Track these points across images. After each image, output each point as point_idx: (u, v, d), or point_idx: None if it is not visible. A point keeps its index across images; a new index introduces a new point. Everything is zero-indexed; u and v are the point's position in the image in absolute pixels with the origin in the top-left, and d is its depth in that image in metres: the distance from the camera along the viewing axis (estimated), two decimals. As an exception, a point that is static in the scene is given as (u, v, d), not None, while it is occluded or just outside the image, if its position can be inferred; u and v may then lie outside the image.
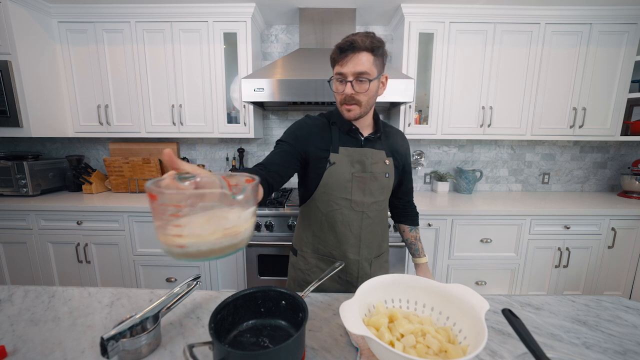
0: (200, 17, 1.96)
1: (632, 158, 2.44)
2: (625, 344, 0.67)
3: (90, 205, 1.90)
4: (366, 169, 0.93)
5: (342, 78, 0.84)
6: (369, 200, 0.95)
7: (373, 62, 0.83)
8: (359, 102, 0.86)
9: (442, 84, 2.04)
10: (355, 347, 0.65)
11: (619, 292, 2.01)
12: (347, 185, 0.93)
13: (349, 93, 0.84)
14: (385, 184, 0.97)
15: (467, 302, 0.61)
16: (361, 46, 0.80)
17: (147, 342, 0.62)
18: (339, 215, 0.95)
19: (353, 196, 0.94)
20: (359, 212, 0.95)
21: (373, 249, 1.00)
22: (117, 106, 2.10)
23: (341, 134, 0.94)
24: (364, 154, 0.93)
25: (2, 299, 0.83)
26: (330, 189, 0.93)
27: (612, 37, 1.99)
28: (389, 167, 0.97)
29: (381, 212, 1.00)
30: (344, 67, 0.82)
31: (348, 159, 0.93)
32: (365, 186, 0.94)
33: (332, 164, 0.92)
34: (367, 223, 0.97)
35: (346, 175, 0.92)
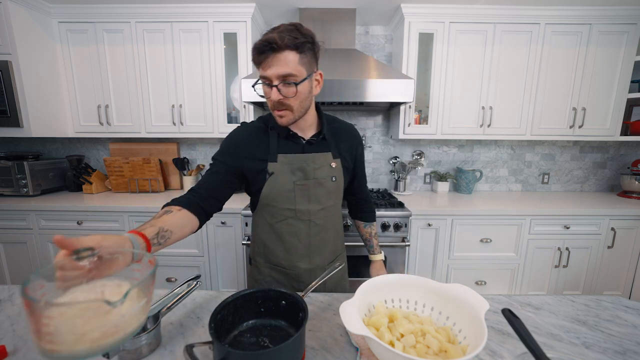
0: (200, 17, 1.96)
1: (631, 158, 2.44)
2: (624, 344, 0.67)
3: (90, 205, 1.90)
4: (308, 175, 0.86)
5: (267, 82, 0.75)
6: (315, 207, 0.89)
7: (299, 61, 0.74)
8: (290, 106, 0.78)
9: (442, 84, 2.04)
10: (355, 347, 0.65)
11: (618, 292, 2.01)
12: (289, 195, 0.86)
13: (276, 99, 0.75)
14: (332, 188, 0.90)
15: (467, 302, 0.61)
16: (281, 45, 0.70)
17: (147, 342, 0.62)
18: (285, 226, 0.89)
19: (297, 206, 0.87)
20: (305, 221, 0.89)
21: (326, 256, 0.95)
22: (117, 106, 2.10)
23: (280, 139, 0.87)
24: (304, 160, 0.86)
25: (3, 299, 0.83)
26: (272, 201, 0.87)
27: (612, 37, 1.99)
28: (336, 170, 0.90)
29: (331, 218, 0.94)
30: (266, 70, 0.73)
31: (288, 167, 0.85)
32: (310, 194, 0.87)
33: (270, 174, 0.85)
34: (315, 231, 0.91)
35: (287, 185, 0.85)
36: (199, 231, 1.89)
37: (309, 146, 0.88)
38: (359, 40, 2.31)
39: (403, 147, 2.46)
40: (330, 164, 0.89)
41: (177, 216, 0.73)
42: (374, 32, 2.31)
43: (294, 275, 0.93)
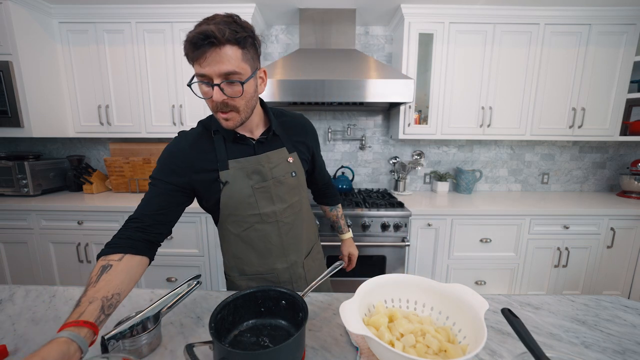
0: (200, 17, 1.94)
1: (631, 158, 2.45)
2: (624, 344, 0.67)
3: (91, 205, 1.90)
4: (266, 176, 0.81)
5: (207, 80, 0.66)
6: (280, 207, 0.85)
7: (242, 57, 0.66)
8: (236, 107, 0.70)
9: (442, 84, 2.04)
10: (355, 346, 0.65)
11: (617, 292, 2.01)
12: (250, 201, 0.81)
13: (220, 100, 0.67)
14: (294, 184, 0.87)
15: (467, 301, 0.61)
16: (222, 39, 0.62)
17: (147, 342, 0.62)
18: (252, 232, 0.85)
19: (261, 210, 0.82)
20: (273, 223, 0.85)
21: (301, 251, 0.93)
22: (118, 106, 2.10)
23: (227, 143, 0.79)
24: (258, 161, 0.80)
25: (4, 299, 0.83)
26: (234, 210, 0.81)
27: (611, 37, 1.99)
28: (295, 165, 0.86)
29: (299, 214, 0.90)
30: (205, 67, 0.64)
31: (242, 172, 0.79)
32: (272, 194, 0.83)
33: (224, 183, 0.78)
34: (285, 230, 0.88)
35: (246, 191, 0.79)
36: (199, 231, 1.89)
37: (260, 146, 0.82)
38: (359, 41, 2.32)
39: (403, 147, 2.46)
40: (287, 159, 0.85)
41: (118, 270, 0.62)
42: (374, 32, 2.31)
43: (273, 277, 0.91)
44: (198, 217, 1.88)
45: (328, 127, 2.41)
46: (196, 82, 0.68)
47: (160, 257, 1.93)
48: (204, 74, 0.65)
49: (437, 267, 1.95)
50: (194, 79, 0.68)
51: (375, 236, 1.81)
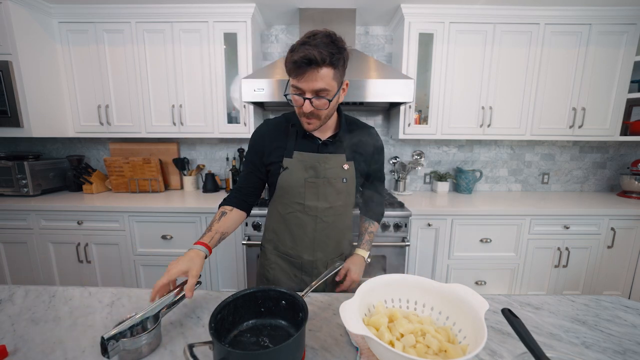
0: (200, 17, 1.96)
1: (631, 158, 2.44)
2: (624, 344, 0.67)
3: (90, 205, 1.90)
4: (319, 174, 0.91)
5: (299, 93, 0.78)
6: (323, 205, 0.93)
7: (333, 76, 0.76)
8: (319, 116, 0.83)
9: (442, 84, 2.04)
10: (355, 347, 0.65)
11: (618, 292, 2.01)
12: (300, 190, 0.92)
13: (308, 111, 0.79)
14: (342, 189, 0.93)
15: (467, 301, 0.61)
16: (319, 61, 0.72)
17: (147, 342, 0.62)
18: (293, 218, 0.95)
19: (306, 201, 0.92)
20: (312, 217, 0.94)
21: (329, 252, 0.99)
22: (118, 106, 2.10)
23: (298, 137, 0.93)
24: (317, 159, 0.91)
25: (3, 299, 0.83)
26: (285, 193, 0.93)
27: (612, 37, 1.99)
28: (348, 172, 0.93)
29: (339, 217, 0.97)
30: (301, 83, 0.76)
31: (301, 164, 0.91)
32: (319, 191, 0.92)
33: (284, 169, 0.91)
34: (321, 227, 0.95)
35: (299, 181, 0.91)
36: (199, 232, 1.90)
37: (324, 147, 0.92)
38: (359, 41, 2.32)
39: (403, 147, 2.46)
40: (342, 165, 0.93)
41: (231, 216, 0.93)
42: (374, 32, 2.31)
43: (298, 264, 0.99)
44: (198, 217, 1.88)
45: (328, 127, 2.40)
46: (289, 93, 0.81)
47: (160, 257, 1.93)
48: (300, 87, 0.77)
49: (437, 267, 1.94)
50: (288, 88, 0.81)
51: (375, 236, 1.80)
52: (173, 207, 1.88)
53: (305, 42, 0.73)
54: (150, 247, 1.93)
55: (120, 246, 1.93)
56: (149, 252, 1.93)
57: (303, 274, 1.00)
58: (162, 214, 1.88)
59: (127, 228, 1.90)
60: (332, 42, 0.74)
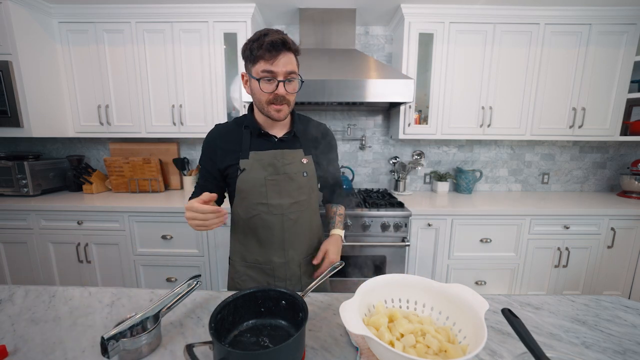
0: (200, 17, 1.96)
1: (631, 158, 2.44)
2: (624, 344, 0.67)
3: (90, 205, 1.90)
4: (279, 170, 0.91)
5: (272, 77, 0.80)
6: (287, 202, 0.92)
7: (296, 62, 0.84)
8: (288, 101, 0.85)
9: (442, 84, 2.04)
10: (355, 347, 0.65)
11: (618, 292, 2.01)
12: (261, 190, 0.91)
13: (283, 93, 0.82)
14: (304, 183, 0.94)
15: (467, 301, 0.61)
16: (291, 47, 0.81)
17: (147, 342, 0.62)
18: (258, 220, 0.93)
19: (269, 200, 0.91)
20: (278, 215, 0.93)
21: (301, 250, 0.98)
22: (118, 106, 2.10)
23: (253, 137, 0.92)
24: (275, 156, 0.91)
25: (3, 299, 0.83)
26: (246, 195, 0.92)
27: (612, 37, 1.99)
28: (308, 166, 0.94)
29: (304, 212, 0.97)
30: (275, 66, 0.79)
31: (259, 164, 0.90)
32: (281, 188, 0.91)
33: (242, 170, 0.90)
34: (289, 225, 0.94)
35: (259, 180, 0.90)
36: (199, 232, 1.89)
37: (281, 143, 0.93)
38: (359, 41, 2.32)
39: (403, 147, 2.46)
40: (301, 160, 0.94)
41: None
42: (374, 32, 2.31)
43: (269, 270, 0.97)
44: (198, 217, 1.88)
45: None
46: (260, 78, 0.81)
47: (160, 257, 1.93)
48: (273, 70, 0.79)
49: (437, 267, 1.94)
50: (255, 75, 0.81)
51: (375, 236, 1.81)
52: (173, 207, 1.88)
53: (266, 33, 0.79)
54: (150, 247, 1.93)
55: (120, 246, 1.93)
56: (149, 252, 1.93)
57: (276, 280, 0.96)
58: (162, 214, 1.88)
59: (127, 228, 1.90)
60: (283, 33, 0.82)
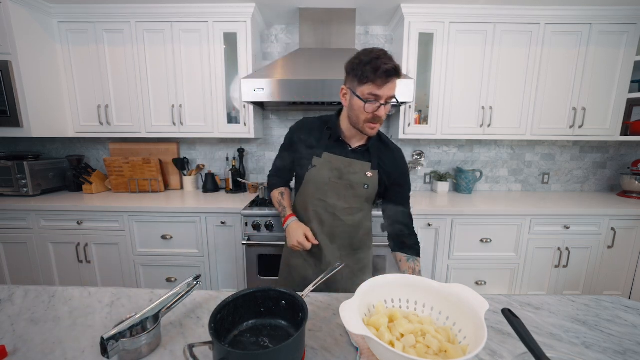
0: (200, 17, 1.96)
1: (631, 158, 2.44)
2: (624, 344, 0.67)
3: (90, 205, 1.90)
4: (343, 177, 0.99)
5: (377, 101, 0.86)
6: (342, 205, 1.02)
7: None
8: (382, 121, 0.92)
9: (442, 84, 2.04)
10: (355, 347, 0.65)
11: (618, 292, 2.01)
12: (324, 189, 1.01)
13: (382, 115, 0.88)
14: (362, 193, 1.01)
15: (467, 302, 0.61)
16: (399, 73, 0.86)
17: (147, 342, 0.62)
18: (314, 213, 1.04)
19: (328, 199, 1.02)
20: (331, 214, 1.03)
21: (345, 248, 1.08)
22: (118, 106, 2.10)
23: (331, 140, 1.01)
24: (343, 163, 0.99)
25: (3, 299, 0.83)
26: (310, 189, 1.03)
27: (612, 37, 1.99)
28: (371, 180, 1.00)
29: (355, 217, 1.05)
30: (382, 90, 0.85)
31: (328, 165, 1.00)
32: (340, 192, 1.01)
33: (313, 166, 1.00)
34: (338, 224, 1.04)
35: (324, 179, 1.00)
36: (199, 231, 1.90)
37: (353, 153, 1.01)
38: (359, 40, 2.31)
39: (403, 147, 2.46)
40: (366, 172, 1.00)
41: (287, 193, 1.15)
42: (374, 32, 2.31)
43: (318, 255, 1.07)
44: (198, 217, 1.88)
45: (328, 127, 2.40)
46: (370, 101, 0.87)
47: (160, 257, 1.93)
48: (379, 94, 0.85)
49: (437, 267, 1.94)
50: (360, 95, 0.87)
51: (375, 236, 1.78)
52: (173, 207, 1.88)
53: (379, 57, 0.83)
54: (150, 247, 1.93)
55: (120, 246, 1.93)
56: (149, 252, 1.93)
57: (321, 265, 1.07)
58: (162, 214, 1.88)
59: (127, 228, 1.90)
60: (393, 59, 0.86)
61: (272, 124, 2.43)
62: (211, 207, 1.87)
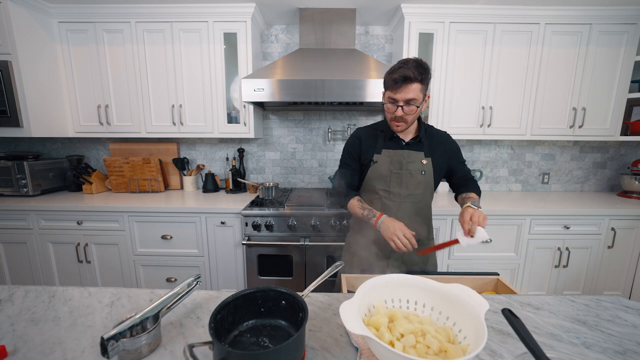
0: (200, 17, 1.96)
1: (631, 158, 2.44)
2: (624, 344, 0.67)
3: (90, 205, 1.90)
4: (402, 167, 1.13)
5: (395, 103, 1.02)
6: (404, 192, 1.15)
7: (420, 89, 1.00)
8: (406, 120, 1.05)
9: (442, 84, 2.04)
10: (355, 347, 0.65)
11: (618, 292, 2.01)
12: (386, 180, 1.15)
13: (400, 115, 1.03)
14: (422, 180, 1.15)
15: (467, 302, 0.61)
16: (412, 78, 0.97)
17: (147, 342, 0.62)
18: (378, 202, 1.17)
19: (391, 188, 1.16)
20: (396, 202, 1.16)
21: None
22: (117, 106, 2.10)
23: (386, 139, 1.16)
24: (401, 154, 1.13)
25: (3, 299, 0.83)
26: (374, 182, 1.17)
27: (612, 37, 1.99)
28: (427, 166, 1.14)
29: (417, 204, 1.17)
30: (396, 94, 1.00)
31: (388, 159, 1.14)
32: (402, 181, 1.14)
33: (375, 162, 1.15)
34: (402, 211, 1.16)
35: (385, 172, 1.14)
36: (199, 232, 1.90)
37: (407, 146, 1.15)
38: (359, 40, 2.31)
39: (403, 147, 2.46)
40: (421, 160, 1.14)
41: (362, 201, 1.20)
42: (374, 32, 2.31)
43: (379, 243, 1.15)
44: (198, 217, 1.88)
45: (328, 127, 2.41)
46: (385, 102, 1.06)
47: (160, 257, 1.93)
48: (394, 98, 1.02)
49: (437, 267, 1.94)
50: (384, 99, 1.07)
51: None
52: (173, 207, 1.88)
53: (401, 66, 0.98)
54: (150, 247, 1.93)
55: (120, 246, 1.93)
56: (149, 252, 1.93)
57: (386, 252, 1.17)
58: (162, 214, 1.88)
59: (127, 228, 1.90)
60: (421, 65, 0.98)
61: (272, 124, 2.43)
62: (211, 207, 1.87)
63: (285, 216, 1.80)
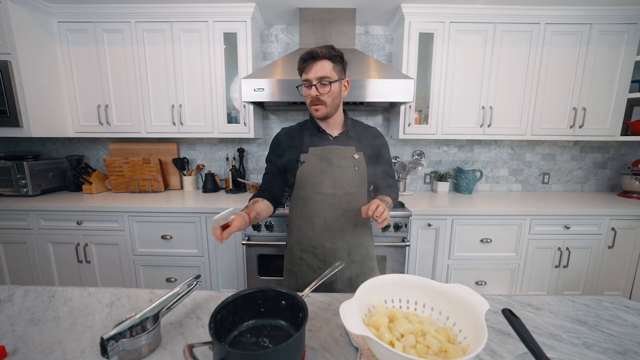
0: (200, 17, 1.96)
1: (632, 158, 2.44)
2: (625, 344, 0.67)
3: (90, 205, 1.90)
4: (333, 164, 1.05)
5: (308, 83, 0.98)
6: (339, 192, 1.05)
7: (332, 67, 0.97)
8: (324, 102, 1.00)
9: (442, 84, 2.04)
10: (355, 347, 0.65)
11: (619, 292, 2.01)
12: (317, 181, 1.05)
13: (314, 95, 0.98)
14: (355, 176, 1.07)
15: (467, 302, 0.61)
16: (320, 55, 0.95)
17: (147, 342, 0.62)
18: (313, 207, 1.06)
19: (324, 189, 1.05)
20: (331, 204, 1.05)
21: (349, 239, 1.09)
22: (117, 106, 2.10)
23: (312, 136, 1.08)
24: (330, 151, 1.05)
25: (2, 299, 0.83)
26: (304, 185, 1.06)
27: (612, 37, 1.99)
28: (359, 161, 1.07)
29: (355, 203, 1.07)
30: (308, 74, 0.97)
31: (316, 157, 1.05)
32: (335, 179, 1.05)
33: (302, 163, 1.05)
34: (339, 214, 1.06)
35: (316, 171, 1.04)
36: (199, 232, 1.90)
37: (335, 141, 1.08)
38: (359, 40, 2.31)
39: (403, 147, 2.46)
40: (353, 155, 1.07)
41: (262, 204, 1.05)
42: (374, 32, 2.31)
43: (321, 255, 1.08)
44: (198, 217, 1.88)
45: (328, 127, 2.40)
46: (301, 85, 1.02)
47: (160, 257, 1.93)
48: (307, 78, 0.98)
49: (437, 267, 1.94)
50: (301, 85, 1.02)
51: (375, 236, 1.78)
52: (173, 207, 1.88)
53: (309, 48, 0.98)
54: (150, 247, 1.93)
55: (119, 246, 1.92)
56: (149, 252, 1.93)
57: (325, 264, 1.08)
58: (161, 214, 1.88)
59: (126, 228, 1.90)
60: (330, 47, 0.98)
61: (272, 124, 2.43)
62: (211, 207, 1.87)
63: (285, 216, 1.79)
